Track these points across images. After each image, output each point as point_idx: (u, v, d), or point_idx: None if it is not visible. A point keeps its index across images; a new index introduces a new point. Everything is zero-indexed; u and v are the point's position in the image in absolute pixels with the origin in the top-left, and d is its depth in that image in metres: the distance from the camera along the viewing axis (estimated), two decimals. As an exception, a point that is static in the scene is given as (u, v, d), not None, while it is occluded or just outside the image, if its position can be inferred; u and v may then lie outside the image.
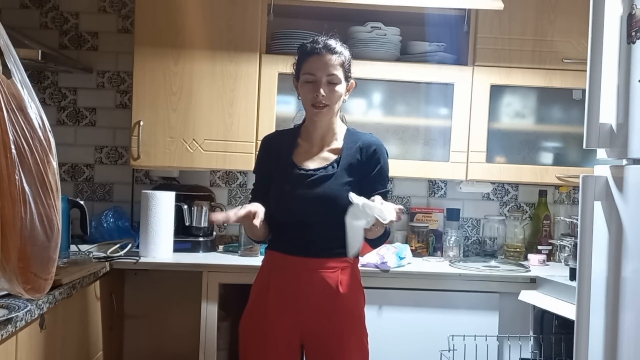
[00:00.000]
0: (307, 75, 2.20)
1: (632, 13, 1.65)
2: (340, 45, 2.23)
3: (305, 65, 2.21)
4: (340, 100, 2.22)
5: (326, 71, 2.17)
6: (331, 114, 2.23)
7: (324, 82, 2.17)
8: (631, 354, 1.61)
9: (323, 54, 2.18)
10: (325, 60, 2.18)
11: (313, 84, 2.18)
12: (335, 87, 2.18)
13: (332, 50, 2.19)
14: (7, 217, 1.54)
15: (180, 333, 3.09)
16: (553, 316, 2.67)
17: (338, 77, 2.18)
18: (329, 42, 2.21)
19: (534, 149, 3.09)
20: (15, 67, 1.59)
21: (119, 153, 3.33)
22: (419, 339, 2.76)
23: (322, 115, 2.21)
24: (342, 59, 2.20)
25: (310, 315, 2.17)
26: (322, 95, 2.16)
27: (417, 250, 3.19)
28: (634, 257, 1.61)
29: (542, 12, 3.01)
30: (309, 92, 2.19)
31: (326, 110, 2.20)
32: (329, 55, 2.18)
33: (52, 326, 2.11)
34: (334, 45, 2.20)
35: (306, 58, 2.21)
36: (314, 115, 2.22)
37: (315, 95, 2.17)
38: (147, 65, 2.93)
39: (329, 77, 2.17)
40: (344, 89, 2.22)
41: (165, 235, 2.89)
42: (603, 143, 1.71)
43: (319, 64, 2.18)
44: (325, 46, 2.19)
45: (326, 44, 2.20)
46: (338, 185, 2.16)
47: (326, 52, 2.18)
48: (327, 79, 2.17)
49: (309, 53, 2.20)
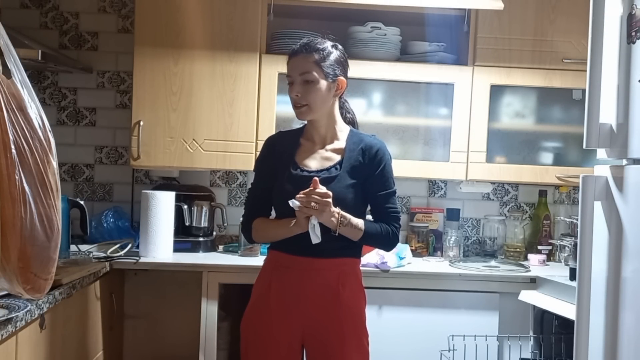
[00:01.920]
0: (287, 77, 2.22)
1: (632, 13, 1.65)
2: (322, 44, 2.20)
3: (287, 67, 2.23)
4: (323, 100, 2.19)
5: (299, 70, 2.17)
6: (314, 114, 2.21)
7: (299, 82, 2.18)
8: (631, 354, 1.61)
9: (298, 54, 2.19)
10: (299, 60, 2.18)
11: (291, 85, 2.20)
12: (312, 85, 2.16)
13: (309, 49, 2.18)
14: (7, 217, 1.54)
15: (180, 333, 3.09)
16: (553, 316, 2.67)
17: (313, 75, 2.16)
18: (308, 42, 2.20)
19: (534, 149, 3.09)
20: (15, 67, 1.59)
21: (119, 153, 3.33)
22: (419, 339, 2.76)
23: (302, 115, 2.21)
24: (318, 56, 2.17)
25: (311, 316, 2.17)
26: (295, 95, 2.18)
27: (417, 250, 3.19)
28: (634, 257, 1.61)
29: (542, 12, 3.01)
30: (289, 93, 2.22)
31: (305, 110, 2.19)
32: (303, 55, 2.18)
33: (52, 326, 2.11)
34: (313, 44, 2.19)
35: (288, 61, 2.23)
36: (297, 116, 2.24)
37: (294, 96, 2.19)
38: (147, 65, 2.93)
39: (302, 76, 2.17)
40: (324, 88, 2.18)
41: (165, 235, 2.89)
42: (603, 143, 1.71)
43: (293, 64, 2.20)
44: (302, 46, 2.20)
45: (304, 43, 2.20)
46: (342, 187, 2.16)
47: (301, 52, 2.19)
48: (300, 78, 2.17)
49: (290, 55, 2.23)
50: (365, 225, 2.17)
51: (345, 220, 2.11)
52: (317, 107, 2.19)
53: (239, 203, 3.31)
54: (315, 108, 2.19)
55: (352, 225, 2.13)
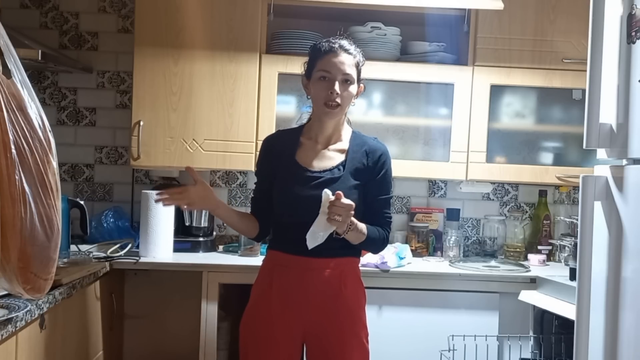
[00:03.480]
0: (322, 72, 2.18)
1: (632, 13, 1.65)
2: (354, 48, 2.24)
3: (321, 62, 2.19)
4: (350, 101, 2.22)
5: (342, 70, 2.17)
6: (341, 115, 2.23)
7: (340, 81, 2.17)
8: (631, 354, 1.61)
9: (339, 53, 2.19)
10: (341, 59, 2.18)
11: (328, 81, 2.17)
12: (349, 87, 2.19)
13: (348, 51, 2.20)
14: (7, 217, 1.54)
15: (180, 333, 3.09)
16: (553, 316, 2.67)
17: (352, 77, 2.19)
18: (345, 43, 2.22)
19: (534, 149, 3.09)
20: (15, 67, 1.59)
21: (119, 153, 3.33)
22: (419, 339, 2.76)
23: (333, 115, 2.20)
24: (356, 60, 2.21)
25: (311, 315, 2.18)
26: (336, 92, 2.15)
27: (417, 250, 3.19)
28: (634, 257, 1.61)
29: (542, 12, 3.01)
30: (323, 90, 2.17)
31: (338, 110, 2.19)
32: (345, 55, 2.19)
33: (52, 326, 2.11)
34: (349, 47, 2.22)
35: (322, 56, 2.20)
36: (324, 114, 2.20)
37: (329, 93, 2.16)
38: (147, 65, 2.93)
39: (344, 76, 2.17)
40: (354, 91, 2.22)
41: (165, 235, 2.89)
42: (603, 143, 1.71)
43: (337, 61, 2.18)
44: (341, 46, 2.20)
45: (342, 44, 2.21)
46: (345, 188, 2.15)
47: (342, 52, 2.19)
48: (342, 77, 2.17)
49: (326, 51, 2.20)
50: (368, 230, 2.19)
51: (352, 225, 2.12)
52: (345, 109, 2.22)
53: (239, 203, 3.31)
54: (344, 109, 2.22)
55: (357, 230, 2.15)
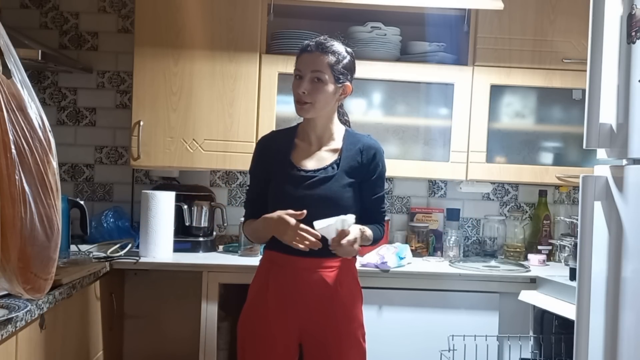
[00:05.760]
0: (296, 70, 2.21)
1: (632, 13, 1.65)
2: (338, 47, 2.21)
3: (296, 61, 2.22)
4: (327, 101, 2.19)
5: (311, 67, 2.16)
6: (315, 113, 2.20)
7: (308, 79, 2.17)
8: (631, 354, 1.61)
9: (313, 51, 2.18)
10: (313, 58, 2.18)
11: (299, 80, 2.19)
12: (320, 85, 2.16)
13: (324, 50, 2.18)
14: (7, 217, 1.54)
15: (180, 333, 3.09)
16: (553, 316, 2.67)
17: (324, 76, 2.16)
18: (324, 41, 2.20)
19: (534, 149, 3.09)
20: (15, 67, 1.59)
21: (119, 153, 3.33)
22: (419, 339, 2.76)
23: (303, 112, 2.20)
24: (333, 59, 2.17)
25: (308, 315, 2.18)
26: (302, 91, 2.16)
27: (417, 250, 3.19)
28: (634, 257, 1.61)
29: (542, 12, 3.01)
30: (295, 88, 2.20)
31: (308, 108, 2.18)
32: (318, 53, 2.17)
33: (52, 326, 2.11)
34: (328, 45, 2.19)
35: (299, 54, 2.22)
36: (297, 111, 2.22)
37: (298, 91, 2.17)
38: (147, 65, 2.93)
39: (313, 74, 2.16)
40: (331, 90, 2.18)
41: (165, 235, 2.89)
42: (603, 143, 1.71)
43: (307, 60, 2.18)
44: (318, 44, 2.19)
45: (319, 42, 2.20)
46: (339, 187, 2.16)
47: (317, 50, 2.18)
48: (311, 75, 2.17)
49: (301, 50, 2.22)
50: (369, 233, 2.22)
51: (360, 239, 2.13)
52: (319, 108, 2.19)
53: (239, 203, 3.31)
54: (318, 108, 2.19)
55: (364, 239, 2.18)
